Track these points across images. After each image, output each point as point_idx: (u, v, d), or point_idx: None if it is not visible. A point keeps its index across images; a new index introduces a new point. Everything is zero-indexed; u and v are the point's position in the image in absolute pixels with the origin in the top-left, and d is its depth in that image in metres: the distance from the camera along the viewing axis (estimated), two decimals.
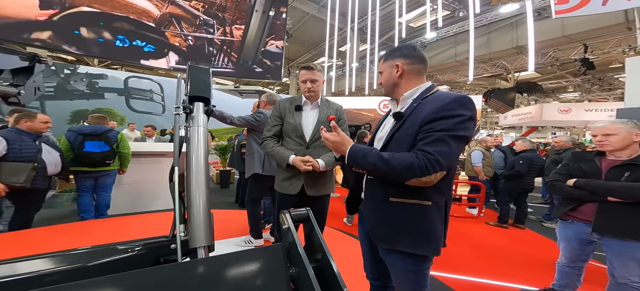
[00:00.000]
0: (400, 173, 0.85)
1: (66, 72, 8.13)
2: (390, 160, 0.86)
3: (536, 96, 14.29)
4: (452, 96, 0.88)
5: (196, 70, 1.22)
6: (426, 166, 0.81)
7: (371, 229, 1.01)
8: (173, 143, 0.97)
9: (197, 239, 0.86)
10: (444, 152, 0.82)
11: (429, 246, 0.91)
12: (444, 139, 0.83)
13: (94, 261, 0.77)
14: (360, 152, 0.94)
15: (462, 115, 0.85)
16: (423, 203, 0.90)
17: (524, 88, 11.52)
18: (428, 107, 0.90)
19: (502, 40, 9.65)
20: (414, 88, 1.00)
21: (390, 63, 1.04)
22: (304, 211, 0.77)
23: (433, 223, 0.91)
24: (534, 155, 3.66)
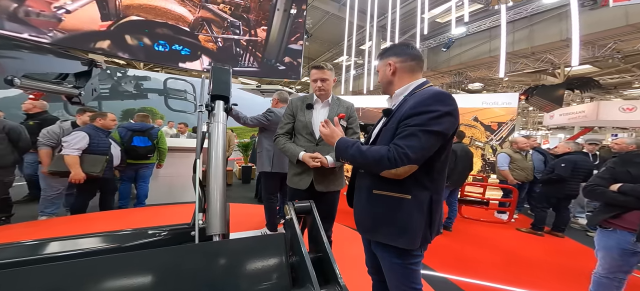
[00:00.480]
0: (372, 164, 0.92)
1: (118, 75, 9.18)
2: (365, 152, 0.94)
3: (592, 93, 12.60)
4: (431, 92, 0.91)
5: (218, 71, 1.34)
6: (395, 158, 0.85)
7: (356, 219, 1.08)
8: (196, 138, 1.09)
9: (213, 227, 0.97)
10: (413, 145, 0.85)
11: (404, 239, 0.93)
12: (415, 133, 0.86)
13: (128, 243, 0.90)
14: (344, 144, 1.02)
15: (437, 111, 0.86)
16: (403, 197, 0.93)
17: (575, 84, 10.20)
18: (409, 103, 0.93)
19: (548, 33, 8.69)
20: (406, 86, 1.03)
21: (384, 61, 1.07)
22: (307, 204, 0.82)
23: (411, 216, 0.93)
24: (578, 158, 3.29)
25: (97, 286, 0.56)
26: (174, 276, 0.60)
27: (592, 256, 2.80)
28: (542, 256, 2.79)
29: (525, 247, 3.00)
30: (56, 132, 2.75)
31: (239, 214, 3.18)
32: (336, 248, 2.37)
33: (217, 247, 0.73)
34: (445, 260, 2.53)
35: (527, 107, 16.69)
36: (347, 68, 11.19)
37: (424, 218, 0.95)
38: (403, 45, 1.06)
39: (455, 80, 12.75)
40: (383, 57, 1.09)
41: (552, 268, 2.53)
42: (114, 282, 0.57)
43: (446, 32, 9.73)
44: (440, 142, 0.88)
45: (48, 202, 2.78)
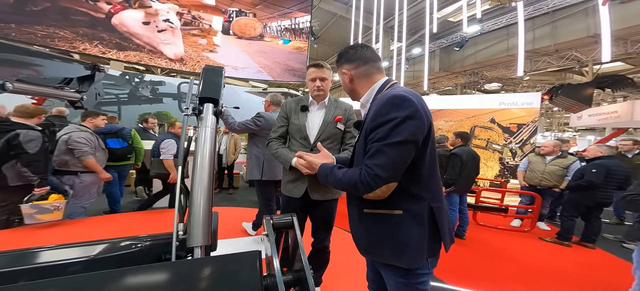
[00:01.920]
0: (349, 191, 0.87)
1: (136, 80, 9.59)
2: (341, 179, 0.87)
3: (626, 92, 11.66)
4: (384, 98, 0.83)
5: (209, 72, 1.29)
6: (367, 182, 0.79)
7: (353, 239, 1.00)
8: (180, 143, 1.04)
9: (194, 238, 0.90)
10: (382, 164, 0.78)
11: (404, 258, 0.85)
12: (381, 150, 0.79)
13: (101, 255, 0.85)
14: (323, 173, 0.95)
15: (394, 119, 0.79)
16: (394, 213, 0.86)
17: (606, 82, 9.46)
18: (370, 113, 0.87)
19: (573, 29, 8.15)
20: (369, 91, 0.95)
21: (339, 71, 1.01)
22: (289, 218, 0.74)
23: (408, 232, 0.85)
24: (612, 163, 2.99)
25: None
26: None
27: (627, 271, 2.54)
28: (568, 269, 2.54)
29: (550, 259, 2.74)
30: (92, 138, 2.68)
31: (242, 218, 3.15)
32: (337, 256, 2.29)
33: (181, 267, 0.66)
34: (457, 271, 2.36)
35: (551, 108, 15.75)
36: None
37: (426, 231, 0.86)
38: (351, 48, 0.99)
39: (470, 80, 12.23)
40: (338, 64, 1.02)
41: (579, 283, 2.29)
42: None
43: (458, 31, 9.38)
44: (411, 150, 0.80)
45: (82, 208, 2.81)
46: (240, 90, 9.54)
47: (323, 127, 1.50)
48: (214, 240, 1.00)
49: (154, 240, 1.00)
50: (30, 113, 2.39)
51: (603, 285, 2.25)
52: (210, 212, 0.98)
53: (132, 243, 0.91)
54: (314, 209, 1.53)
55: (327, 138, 1.50)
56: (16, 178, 2.27)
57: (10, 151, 2.21)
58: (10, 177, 2.24)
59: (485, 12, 6.85)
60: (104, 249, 0.87)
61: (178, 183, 0.97)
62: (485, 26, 8.25)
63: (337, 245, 2.54)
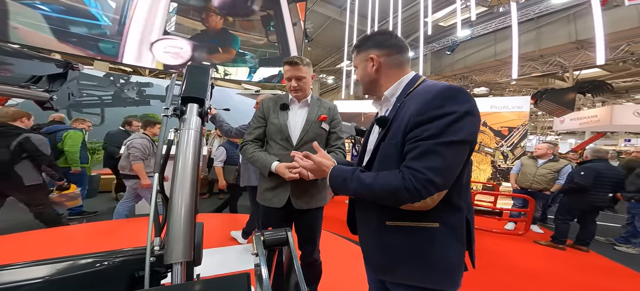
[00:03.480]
0: (386, 199, 0.70)
1: (121, 81, 9.23)
2: (372, 185, 0.71)
3: (604, 97, 12.23)
4: (438, 88, 0.69)
5: (194, 70, 1.17)
6: (416, 189, 0.64)
7: (367, 257, 0.84)
8: (158, 147, 0.92)
9: (173, 254, 0.78)
10: (436, 167, 0.64)
11: (440, 279, 0.72)
12: (433, 150, 0.65)
13: (60, 275, 0.72)
14: (340, 177, 0.80)
15: (452, 113, 0.65)
16: (429, 226, 0.72)
17: (587, 88, 9.88)
18: (411, 107, 0.71)
19: (557, 35, 8.45)
20: (396, 84, 0.82)
21: (363, 55, 0.86)
22: (283, 233, 0.64)
23: (445, 249, 0.72)
24: (601, 166, 3.04)
25: None
26: None
27: (620, 273, 2.56)
28: (564, 273, 2.53)
29: (545, 263, 2.73)
30: (148, 145, 2.82)
31: (234, 226, 3.00)
32: (333, 265, 2.21)
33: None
34: None
35: (536, 112, 16.32)
36: (348, 73, 11.09)
37: (464, 247, 0.76)
38: (385, 33, 0.86)
39: (461, 84, 12.52)
40: (361, 49, 0.87)
41: (573, 286, 2.27)
42: None
43: (449, 35, 9.57)
44: (467, 152, 0.68)
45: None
46: (232, 92, 9.34)
47: (306, 127, 1.36)
48: (198, 254, 0.88)
49: (126, 255, 0.87)
50: (10, 116, 2.49)
51: (596, 288, 2.24)
52: (192, 222, 0.86)
53: (98, 260, 0.78)
54: (298, 220, 1.40)
55: (311, 139, 1.35)
56: (31, 178, 2.49)
57: (23, 153, 2.42)
58: (25, 176, 2.44)
59: (476, 15, 7.00)
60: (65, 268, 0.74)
61: (154, 191, 0.85)
62: (475, 31, 8.44)
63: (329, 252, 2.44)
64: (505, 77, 10.79)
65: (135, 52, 7.80)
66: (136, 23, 7.64)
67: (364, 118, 6.38)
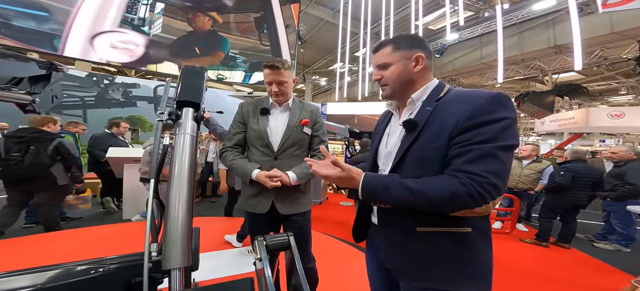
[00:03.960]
0: (441, 205, 0.67)
1: (105, 82, 8.90)
2: (423, 191, 0.67)
3: (580, 100, 12.90)
4: (486, 94, 0.69)
5: (189, 73, 1.16)
6: (479, 193, 0.62)
7: (393, 265, 0.80)
8: (152, 152, 0.90)
9: (171, 259, 0.77)
10: (496, 170, 0.63)
11: (476, 283, 0.72)
12: (492, 153, 0.64)
13: (53, 283, 0.70)
14: (378, 184, 0.73)
15: (505, 119, 0.66)
16: (462, 231, 0.72)
17: (565, 91, 10.42)
18: (457, 110, 0.70)
19: (537, 40, 8.86)
20: (423, 88, 0.81)
21: (405, 53, 0.80)
22: (285, 238, 0.64)
23: (479, 252, 0.73)
24: (580, 167, 3.21)
25: None
26: None
27: (598, 268, 2.70)
28: (548, 270, 2.64)
29: (531, 260, 2.85)
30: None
31: (228, 229, 2.95)
32: (330, 267, 2.23)
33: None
34: None
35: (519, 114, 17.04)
36: (342, 75, 11.19)
37: (491, 249, 0.76)
38: (420, 37, 0.84)
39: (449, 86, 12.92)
40: (402, 46, 0.81)
41: (557, 282, 2.37)
42: None
43: (439, 39, 9.84)
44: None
45: None
46: (224, 94, 9.18)
47: (288, 132, 1.32)
48: (195, 260, 0.88)
49: (120, 262, 0.85)
50: (39, 122, 2.77)
51: (580, 285, 2.34)
52: (190, 227, 0.85)
53: (92, 267, 0.76)
54: (285, 225, 1.36)
55: (293, 144, 1.33)
56: (63, 178, 2.79)
57: (57, 156, 2.71)
58: (60, 177, 2.75)
59: (464, 19, 7.26)
60: (58, 275, 0.71)
61: (150, 197, 0.83)
62: (462, 35, 8.72)
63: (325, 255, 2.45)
64: (490, 80, 11.19)
65: (81, 46, 7.08)
66: (85, 13, 6.99)
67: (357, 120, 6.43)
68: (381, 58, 0.84)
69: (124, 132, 3.94)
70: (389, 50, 0.83)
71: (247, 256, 2.42)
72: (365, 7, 8.27)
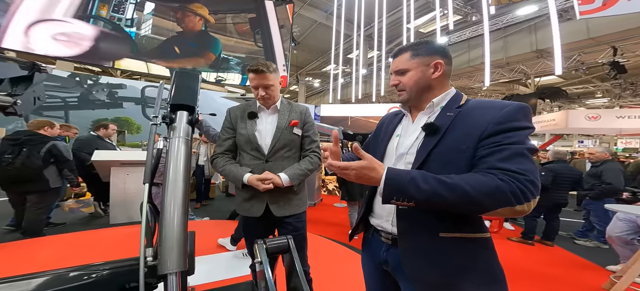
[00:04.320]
0: (483, 202, 0.62)
1: (89, 82, 8.59)
2: (459, 186, 0.63)
3: (560, 102, 13.50)
4: (514, 104, 0.72)
5: (183, 75, 1.15)
6: (521, 190, 0.60)
7: (414, 276, 0.75)
8: (146, 156, 0.89)
9: (167, 264, 0.76)
10: (532, 169, 0.63)
11: (500, 287, 0.74)
12: (525, 154, 0.65)
13: (46, 290, 0.68)
14: (405, 177, 0.67)
15: (529, 127, 0.70)
16: (484, 237, 0.73)
17: (546, 93, 10.90)
18: (484, 117, 0.71)
19: (520, 44, 9.23)
20: (444, 94, 0.82)
21: (424, 59, 0.81)
22: (284, 240, 0.65)
23: (496, 258, 0.75)
24: (559, 167, 3.37)
25: None
26: None
27: (580, 265, 2.83)
28: (533, 267, 2.74)
29: (517, 258, 2.95)
30: None
31: (222, 232, 2.91)
32: (326, 269, 2.23)
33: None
34: None
35: None
36: (335, 77, 11.26)
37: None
38: (440, 44, 0.85)
39: None
40: (420, 53, 0.81)
41: (541, 278, 2.47)
42: None
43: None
44: None
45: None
46: (215, 95, 9.04)
47: (278, 134, 1.32)
48: (191, 264, 0.87)
49: (114, 267, 0.83)
50: (36, 125, 2.81)
51: (563, 281, 2.44)
52: (185, 231, 0.85)
53: (85, 273, 0.74)
54: (280, 228, 1.35)
55: (283, 146, 1.32)
56: (56, 181, 2.81)
57: (51, 159, 2.73)
58: (52, 180, 2.76)
59: (454, 23, 7.47)
60: (49, 282, 0.69)
61: (145, 202, 0.82)
62: (451, 38, 8.96)
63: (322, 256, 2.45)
64: (478, 83, 11.54)
65: (20, 39, 6.28)
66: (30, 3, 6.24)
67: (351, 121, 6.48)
68: (399, 64, 0.85)
69: (111, 134, 3.82)
70: (408, 56, 0.83)
71: (242, 259, 2.40)
72: (358, 9, 8.37)
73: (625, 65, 8.34)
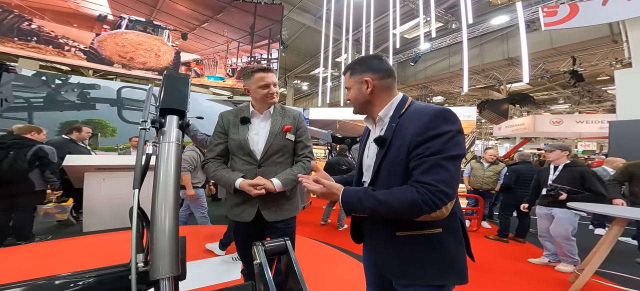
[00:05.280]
0: (403, 213, 0.76)
1: (57, 82, 8.00)
2: (388, 201, 0.76)
3: (528, 107, 14.56)
4: (432, 111, 0.79)
5: (172, 79, 1.13)
6: (432, 201, 0.71)
7: (381, 266, 0.90)
8: (136, 161, 0.87)
9: (160, 269, 0.76)
10: (444, 179, 0.72)
11: (453, 276, 0.83)
12: (439, 164, 0.73)
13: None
14: (354, 197, 0.82)
15: (448, 131, 0.76)
16: (433, 232, 0.82)
17: (516, 99, 11.72)
18: (410, 128, 0.80)
19: (494, 52, 9.88)
20: (388, 105, 0.90)
21: (357, 78, 0.91)
22: (281, 242, 0.67)
23: (450, 249, 0.83)
24: (522, 168, 3.68)
25: None
26: None
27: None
28: (505, 262, 2.92)
29: (493, 254, 3.13)
30: (195, 157, 2.87)
31: (209, 236, 2.84)
32: (316, 270, 2.24)
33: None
34: None
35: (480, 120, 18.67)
36: (324, 80, 11.35)
37: (463, 244, 0.86)
38: (376, 58, 0.92)
39: (422, 93, 13.77)
40: (355, 72, 0.92)
41: (514, 273, 2.64)
42: None
43: (413, 47, 10.47)
44: (460, 165, 0.80)
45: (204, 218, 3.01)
46: (201, 97, 8.75)
47: (270, 140, 1.32)
48: (183, 269, 0.87)
49: (100, 275, 0.81)
50: (23, 130, 2.86)
51: (533, 276, 2.62)
52: (177, 236, 0.85)
53: (70, 281, 0.72)
54: (271, 233, 1.35)
55: (276, 151, 1.33)
56: (41, 184, 2.84)
57: (37, 162, 2.75)
58: (37, 182, 2.80)
59: (436, 30, 7.81)
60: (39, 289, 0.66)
61: (135, 207, 0.81)
62: (434, 44, 9.38)
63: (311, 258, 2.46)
64: (457, 88, 12.15)
65: None
66: None
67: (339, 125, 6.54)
68: (345, 81, 0.97)
69: (86, 137, 3.60)
70: (348, 75, 0.95)
71: (231, 264, 2.36)
72: (346, 14, 8.53)
73: (583, 74, 9.17)
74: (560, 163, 2.71)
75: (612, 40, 7.68)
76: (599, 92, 12.73)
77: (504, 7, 7.50)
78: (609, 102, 12.99)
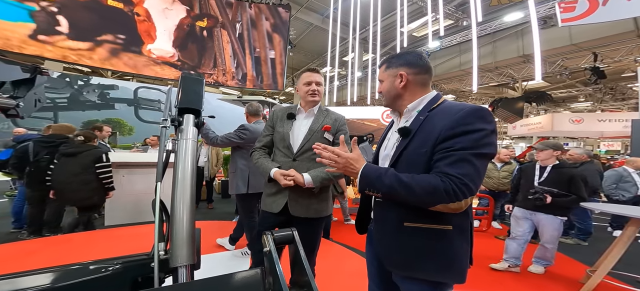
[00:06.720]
0: (423, 198, 0.76)
1: (80, 83, 8.43)
2: (410, 184, 0.76)
3: (546, 106, 14.00)
4: (468, 108, 0.78)
5: (189, 80, 1.20)
6: (454, 191, 0.72)
7: (384, 256, 0.90)
8: (157, 157, 0.94)
9: (178, 258, 0.83)
10: (470, 174, 0.73)
11: (452, 274, 0.83)
12: (467, 159, 0.73)
13: (64, 282, 0.73)
14: (374, 172, 0.82)
15: (482, 130, 0.75)
16: (444, 228, 0.81)
17: (532, 97, 11.28)
18: (441, 122, 0.80)
19: (508, 49, 9.55)
20: (418, 100, 0.91)
21: (392, 71, 0.94)
22: (289, 232, 0.72)
23: (456, 248, 0.82)
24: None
25: None
26: None
27: (560, 261, 2.91)
28: None
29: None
30: None
31: (219, 232, 2.94)
32: (326, 271, 2.28)
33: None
34: None
35: None
36: (331, 79, 11.38)
37: (469, 247, 0.86)
38: (415, 54, 0.93)
39: None
40: (391, 65, 0.94)
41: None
42: None
43: (422, 45, 10.30)
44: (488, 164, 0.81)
45: None
46: (211, 97, 8.99)
47: (308, 136, 1.38)
48: (198, 258, 0.94)
49: (126, 262, 0.89)
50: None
51: (545, 276, 2.58)
52: (193, 228, 0.91)
53: (100, 267, 0.79)
54: (296, 229, 1.43)
55: (311, 148, 1.44)
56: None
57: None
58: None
59: (445, 28, 7.64)
60: (65, 275, 0.74)
61: (157, 199, 0.88)
62: (443, 43, 9.19)
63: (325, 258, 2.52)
64: (468, 86, 11.85)
65: None
66: None
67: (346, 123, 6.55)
68: (379, 74, 1.00)
69: (106, 136, 3.80)
70: (383, 68, 0.98)
71: (241, 258, 2.44)
72: (354, 13, 8.48)
73: (604, 70, 8.73)
74: (549, 164, 2.52)
75: (637, 35, 7.27)
76: (623, 89, 12.07)
77: (514, 5, 7.26)
78: (634, 99, 12.30)
